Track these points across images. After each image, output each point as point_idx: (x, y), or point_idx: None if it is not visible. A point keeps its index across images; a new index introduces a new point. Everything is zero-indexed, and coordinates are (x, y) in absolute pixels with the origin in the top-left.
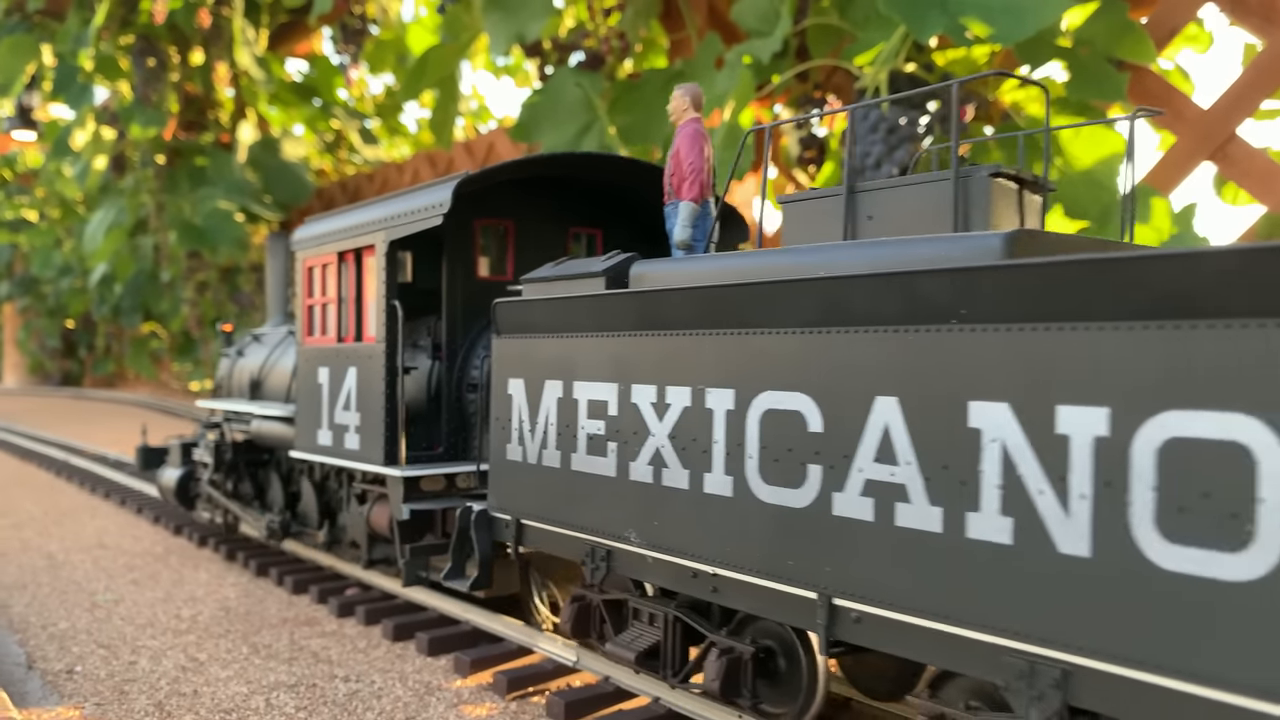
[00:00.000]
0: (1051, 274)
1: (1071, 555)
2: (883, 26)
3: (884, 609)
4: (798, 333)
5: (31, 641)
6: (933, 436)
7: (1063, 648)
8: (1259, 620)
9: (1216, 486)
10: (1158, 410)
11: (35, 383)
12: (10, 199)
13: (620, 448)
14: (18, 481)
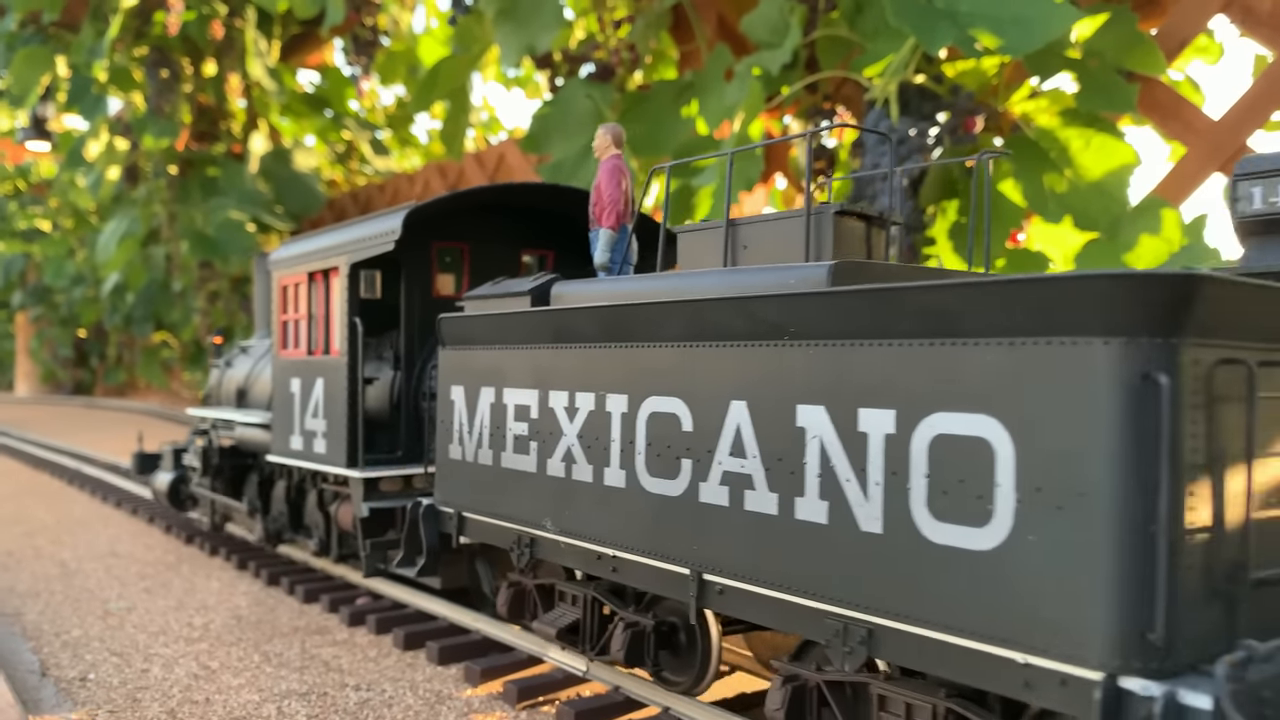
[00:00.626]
0: (851, 300)
1: (870, 533)
2: (892, 38)
3: (739, 581)
4: (674, 346)
5: (45, 649)
6: (771, 434)
7: (866, 610)
8: (995, 582)
9: (968, 474)
10: (929, 412)
11: (47, 392)
12: (24, 209)
13: (539, 446)
14: (31, 490)
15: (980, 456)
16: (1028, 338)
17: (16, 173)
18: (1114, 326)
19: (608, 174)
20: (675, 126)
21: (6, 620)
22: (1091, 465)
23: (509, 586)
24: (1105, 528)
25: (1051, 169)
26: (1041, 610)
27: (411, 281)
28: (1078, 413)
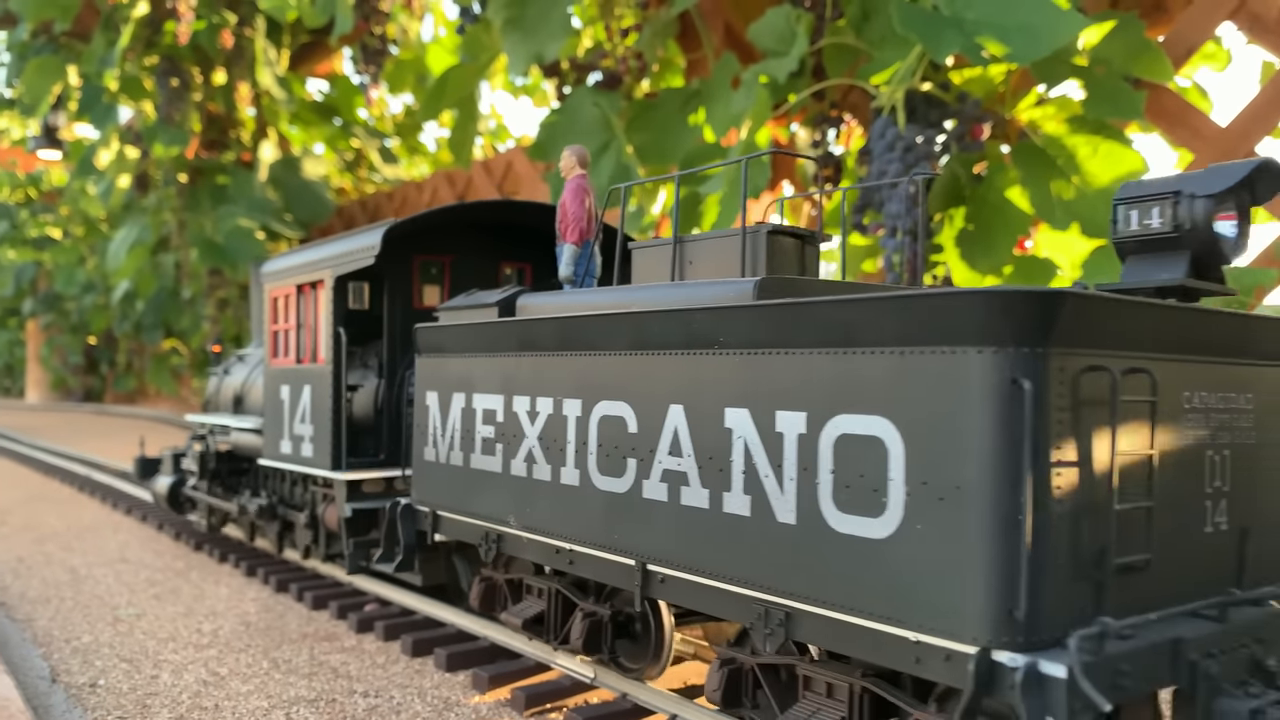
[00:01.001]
0: (769, 313)
1: (785, 523)
2: (899, 46)
3: (677, 571)
4: (622, 355)
5: (55, 655)
6: (703, 435)
7: (784, 595)
8: (889, 567)
9: (866, 469)
10: (833, 414)
11: (58, 399)
12: (35, 217)
13: (504, 448)
14: (41, 496)
15: (876, 454)
16: (915, 347)
17: (28, 181)
18: (986, 337)
19: (572, 193)
20: (682, 134)
21: (17, 626)
22: (967, 461)
23: (481, 581)
24: (978, 517)
25: (1059, 176)
26: (928, 592)
27: (394, 293)
28: (956, 414)
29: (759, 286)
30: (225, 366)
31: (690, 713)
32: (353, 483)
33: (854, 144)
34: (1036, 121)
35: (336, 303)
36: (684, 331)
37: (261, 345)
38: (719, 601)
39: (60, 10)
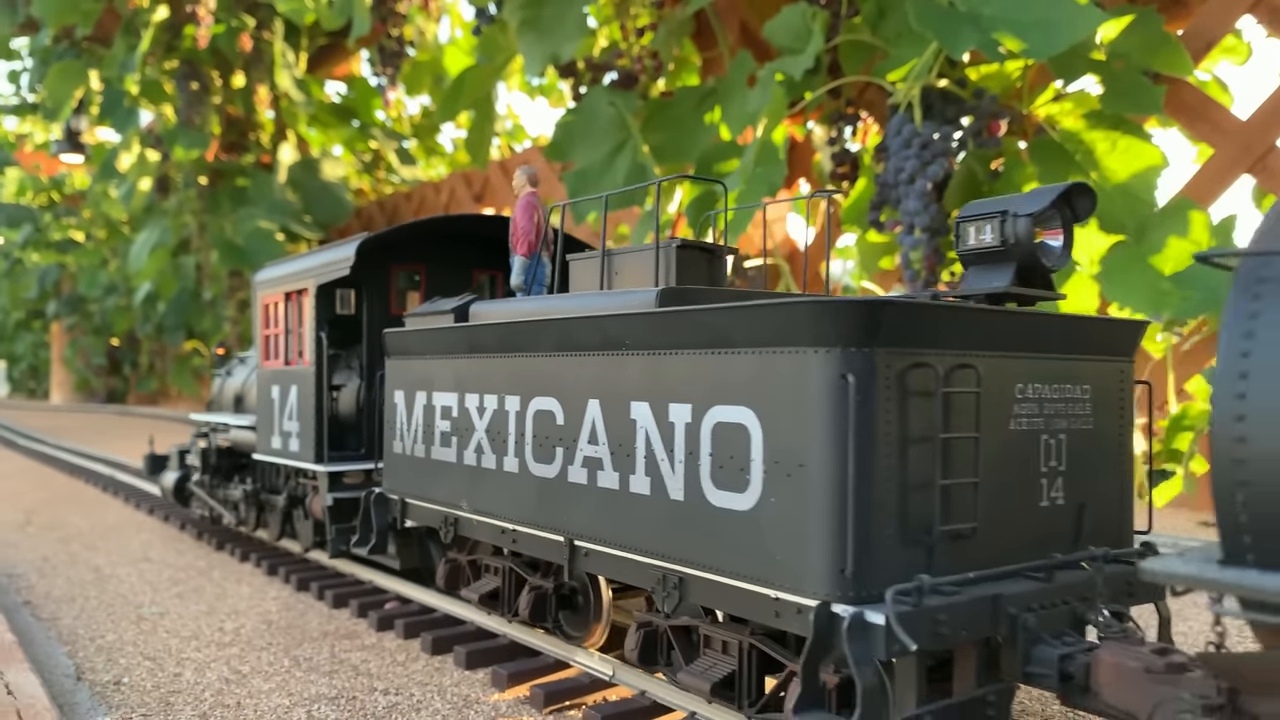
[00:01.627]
0: (662, 319)
1: (676, 500)
2: (915, 43)
3: (597, 545)
4: (551, 356)
5: (80, 653)
6: (614, 425)
7: (677, 562)
8: (753, 535)
9: (735, 451)
10: (711, 405)
11: (81, 400)
12: (58, 220)
13: (458, 440)
14: (66, 497)
15: (742, 438)
16: (771, 348)
17: (51, 184)
18: (822, 340)
19: (522, 209)
20: (698, 133)
21: (43, 625)
22: (808, 443)
23: (446, 563)
24: (815, 491)
25: (1076, 171)
26: (782, 556)
27: (372, 300)
28: (800, 403)
29: (659, 296)
30: (228, 368)
31: (708, 711)
32: (334, 475)
33: (870, 141)
34: (1054, 117)
35: (319, 309)
36: (599, 335)
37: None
38: (629, 570)
39: (81, 15)
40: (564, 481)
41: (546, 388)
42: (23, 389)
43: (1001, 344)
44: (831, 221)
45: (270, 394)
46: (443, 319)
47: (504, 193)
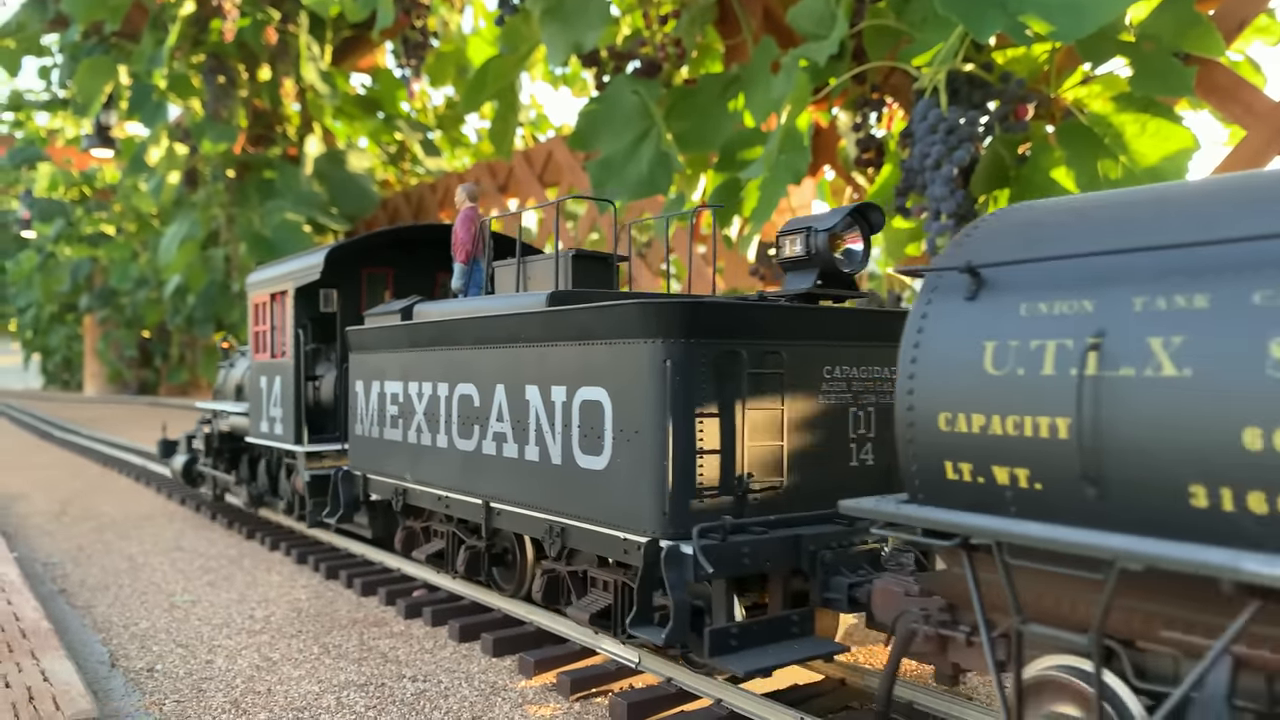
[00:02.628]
0: (545, 317)
1: (556, 464)
2: (940, 27)
3: (505, 505)
4: (469, 348)
5: (114, 641)
6: (514, 405)
7: (559, 515)
8: (608, 489)
9: (594, 423)
10: (580, 386)
11: (114, 391)
12: (90, 214)
13: (404, 422)
14: (100, 486)
15: (599, 412)
16: (618, 339)
17: (82, 179)
18: (649, 332)
19: (461, 222)
20: (722, 120)
21: (78, 612)
22: (640, 414)
23: (403, 530)
24: (646, 452)
25: (1106, 155)
26: (626, 504)
27: (345, 300)
28: (636, 383)
29: (549, 298)
30: (231, 360)
31: (734, 698)
32: (311, 454)
33: (896, 126)
34: (1082, 100)
35: (297, 309)
36: (504, 331)
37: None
38: (528, 524)
39: (110, 11)
40: (480, 453)
41: (467, 375)
42: (57, 381)
43: (807, 334)
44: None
45: (259, 384)
46: (392, 318)
47: (528, 183)
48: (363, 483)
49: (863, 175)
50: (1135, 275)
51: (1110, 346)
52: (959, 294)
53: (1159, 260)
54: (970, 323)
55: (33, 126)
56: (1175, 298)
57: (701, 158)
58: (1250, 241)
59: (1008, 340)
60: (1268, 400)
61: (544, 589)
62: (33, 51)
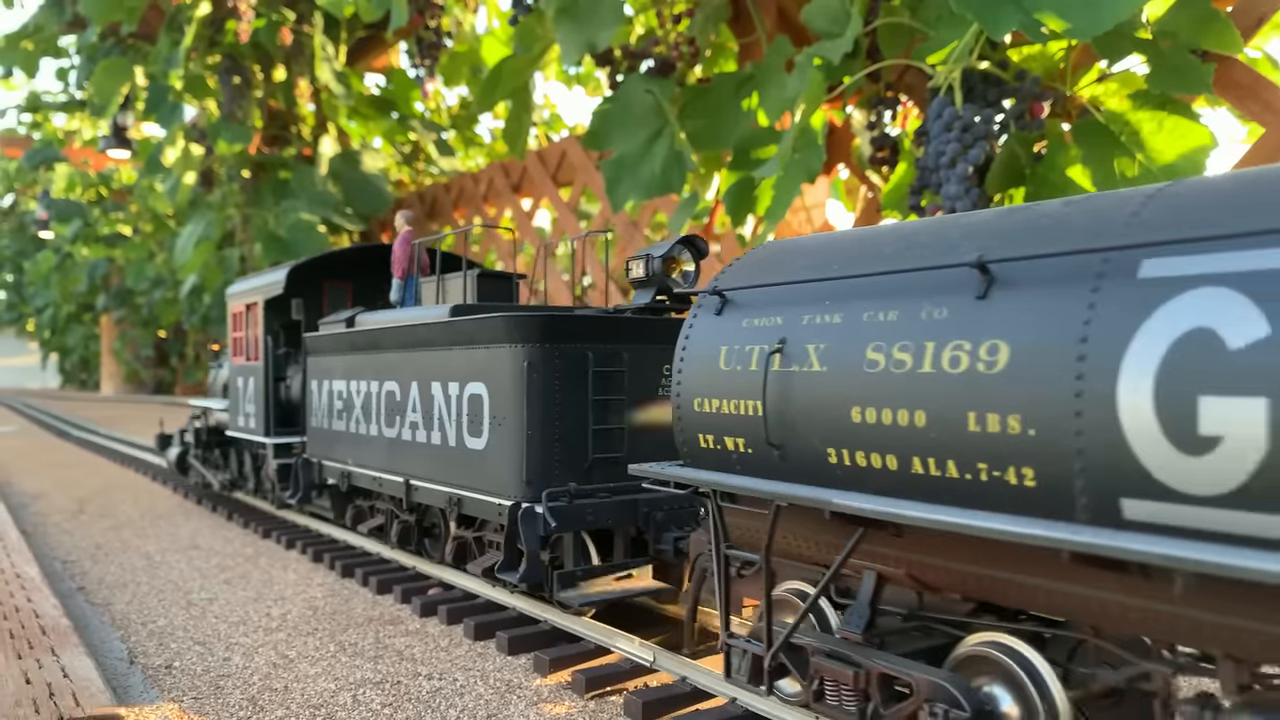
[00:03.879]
0: (442, 327)
1: (451, 446)
2: (955, 24)
3: (420, 482)
4: (393, 352)
5: (133, 638)
6: (424, 399)
7: (455, 487)
8: (487, 465)
9: (477, 413)
10: (467, 382)
11: (131, 391)
12: (106, 215)
13: (347, 415)
14: (118, 485)
15: (480, 403)
16: (493, 344)
17: (99, 179)
18: (514, 339)
19: (399, 243)
20: (736, 119)
21: (96, 610)
22: (507, 405)
23: (352, 508)
24: (511, 434)
25: (1122, 153)
26: (499, 476)
27: (311, 310)
28: (505, 380)
29: (451, 310)
30: (220, 362)
31: (748, 697)
32: (279, 445)
33: (910, 125)
34: (1098, 98)
35: (266, 318)
36: (417, 337)
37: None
38: (435, 497)
39: (126, 12)
40: (401, 440)
41: (392, 374)
42: (74, 380)
43: (646, 339)
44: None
45: (238, 383)
46: (339, 326)
47: (542, 182)
48: (319, 468)
49: (877, 174)
50: (806, 299)
51: (787, 350)
52: (712, 310)
53: (820, 289)
54: (715, 332)
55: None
56: (824, 316)
57: (715, 157)
58: (865, 277)
59: (734, 345)
60: (865, 388)
61: (454, 552)
62: (50, 53)
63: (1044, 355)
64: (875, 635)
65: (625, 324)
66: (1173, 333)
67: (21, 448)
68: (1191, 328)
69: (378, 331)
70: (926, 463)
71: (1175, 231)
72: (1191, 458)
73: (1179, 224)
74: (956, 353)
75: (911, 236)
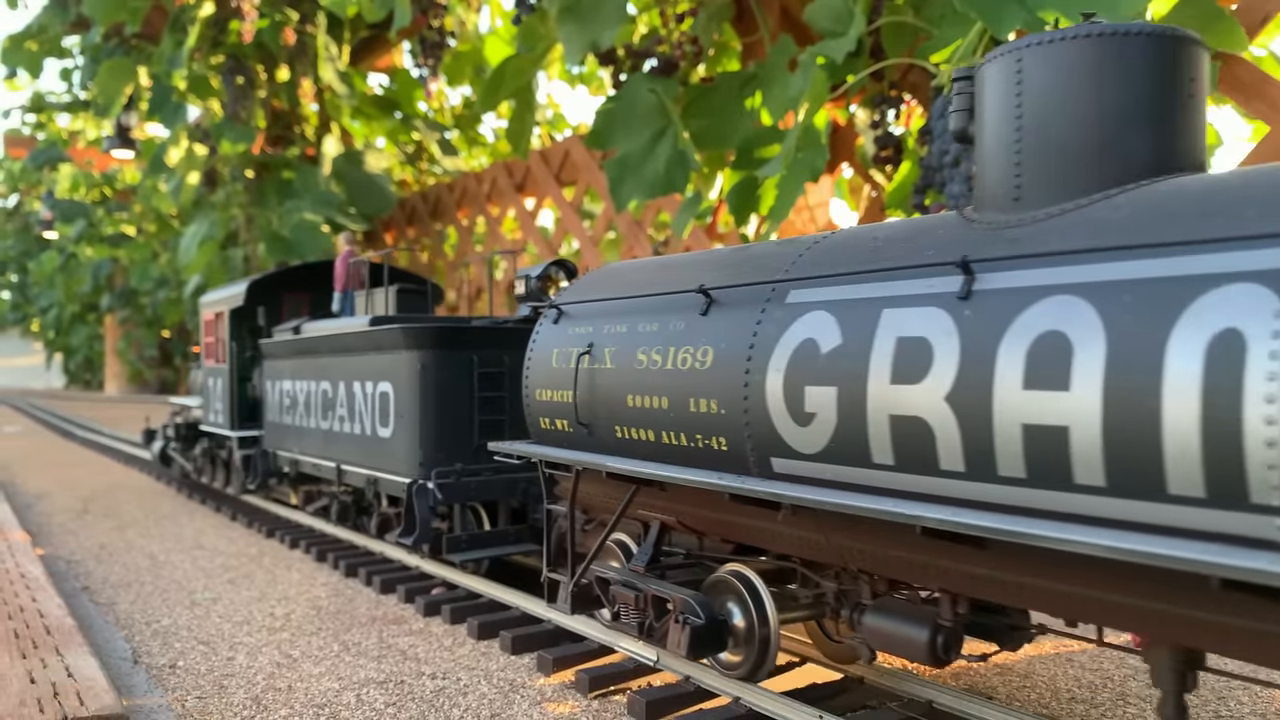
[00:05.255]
0: (359, 335)
1: (368, 435)
2: (959, 23)
3: (348, 467)
4: (326, 356)
5: (137, 637)
6: (350, 397)
7: (372, 470)
8: (394, 450)
9: (385, 407)
10: (379, 381)
11: (135, 390)
12: (111, 215)
13: (294, 410)
14: (122, 485)
15: (388, 399)
16: (397, 350)
17: (103, 180)
18: (411, 345)
19: (340, 261)
20: (739, 118)
21: (101, 609)
22: (407, 400)
23: (303, 491)
24: (409, 425)
25: None
26: (402, 458)
27: (270, 318)
28: (406, 381)
29: (370, 320)
30: (198, 363)
31: (753, 696)
32: (243, 438)
33: (914, 124)
34: None
35: (231, 326)
36: (344, 344)
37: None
38: (359, 479)
39: (130, 13)
40: (333, 431)
41: (326, 375)
42: (79, 381)
43: (524, 345)
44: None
45: (209, 383)
46: (288, 334)
47: (545, 182)
48: (274, 457)
49: (881, 173)
50: (609, 313)
51: (593, 352)
52: (551, 321)
53: (618, 305)
54: (551, 338)
55: (55, 128)
56: (616, 326)
57: (718, 156)
58: (643, 298)
59: (562, 348)
60: (636, 381)
61: (378, 526)
62: (54, 53)
63: (731, 357)
64: (659, 569)
65: (507, 332)
66: (795, 341)
67: (26, 448)
68: (805, 338)
69: (317, 339)
70: (671, 435)
71: (811, 270)
72: (801, 428)
73: (814, 265)
74: (686, 355)
75: (677, 267)
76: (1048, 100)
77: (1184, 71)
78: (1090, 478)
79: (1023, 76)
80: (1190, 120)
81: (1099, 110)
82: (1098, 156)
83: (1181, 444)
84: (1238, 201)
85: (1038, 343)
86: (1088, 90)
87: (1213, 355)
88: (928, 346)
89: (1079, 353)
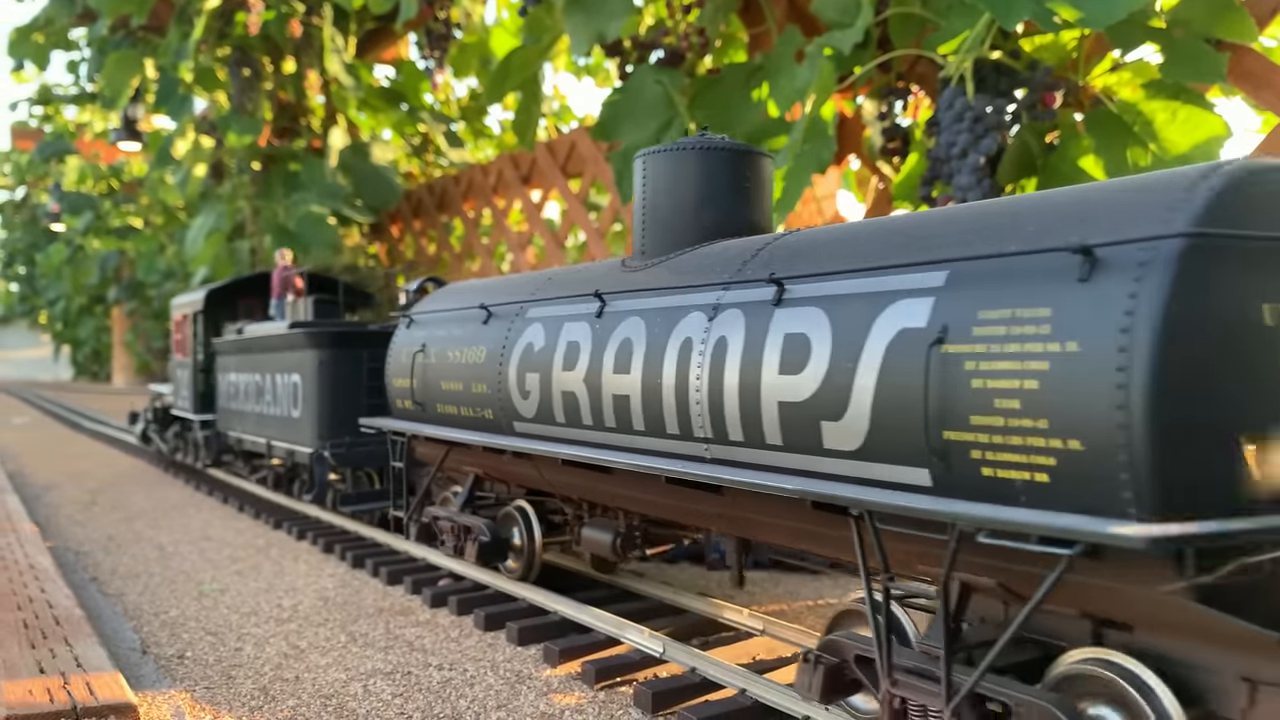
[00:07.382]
0: (279, 336)
1: (287, 416)
2: (967, 14)
3: (275, 442)
4: (260, 354)
5: (145, 628)
6: (275, 386)
7: (289, 444)
8: (301, 426)
9: (294, 395)
10: (293, 373)
11: (142, 382)
12: (117, 207)
13: (239, 398)
14: (130, 477)
15: (298, 388)
16: (304, 349)
17: (110, 172)
18: (311, 345)
19: (277, 275)
20: (746, 110)
21: (109, 600)
22: (310, 388)
23: (249, 466)
24: (310, 407)
25: (1135, 143)
26: (307, 434)
27: (230, 319)
28: (309, 372)
29: (289, 325)
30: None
31: (758, 687)
32: (204, 421)
33: (922, 115)
34: (1111, 88)
35: (195, 325)
36: (271, 344)
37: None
38: (282, 452)
39: (136, 5)
40: (264, 414)
41: (259, 369)
42: (86, 373)
43: (362, 344)
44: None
45: (178, 374)
46: (234, 334)
47: (551, 174)
48: (225, 437)
49: (888, 164)
50: (438, 321)
51: (425, 350)
52: (405, 325)
53: (444, 315)
54: (403, 338)
55: (61, 120)
56: (440, 331)
57: None
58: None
59: (408, 347)
60: (448, 370)
61: (299, 490)
62: (61, 45)
63: (493, 355)
64: (474, 507)
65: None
66: (525, 343)
67: (34, 440)
68: (529, 341)
69: (252, 339)
70: (466, 409)
71: (540, 294)
72: (524, 400)
73: (542, 290)
74: (472, 352)
75: (493, 288)
76: (658, 188)
77: (743, 172)
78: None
79: (647, 172)
80: (752, 201)
81: (691, 195)
82: (686, 225)
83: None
84: (745, 251)
85: (623, 344)
86: (683, 182)
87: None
88: (579, 346)
89: (636, 349)
